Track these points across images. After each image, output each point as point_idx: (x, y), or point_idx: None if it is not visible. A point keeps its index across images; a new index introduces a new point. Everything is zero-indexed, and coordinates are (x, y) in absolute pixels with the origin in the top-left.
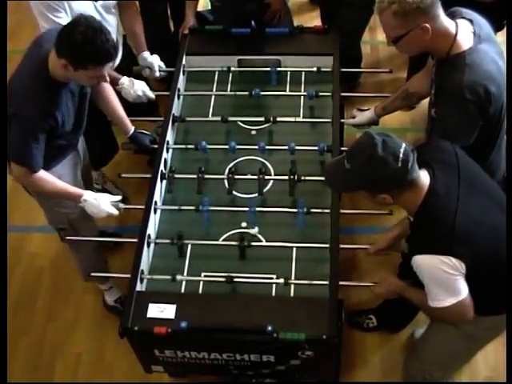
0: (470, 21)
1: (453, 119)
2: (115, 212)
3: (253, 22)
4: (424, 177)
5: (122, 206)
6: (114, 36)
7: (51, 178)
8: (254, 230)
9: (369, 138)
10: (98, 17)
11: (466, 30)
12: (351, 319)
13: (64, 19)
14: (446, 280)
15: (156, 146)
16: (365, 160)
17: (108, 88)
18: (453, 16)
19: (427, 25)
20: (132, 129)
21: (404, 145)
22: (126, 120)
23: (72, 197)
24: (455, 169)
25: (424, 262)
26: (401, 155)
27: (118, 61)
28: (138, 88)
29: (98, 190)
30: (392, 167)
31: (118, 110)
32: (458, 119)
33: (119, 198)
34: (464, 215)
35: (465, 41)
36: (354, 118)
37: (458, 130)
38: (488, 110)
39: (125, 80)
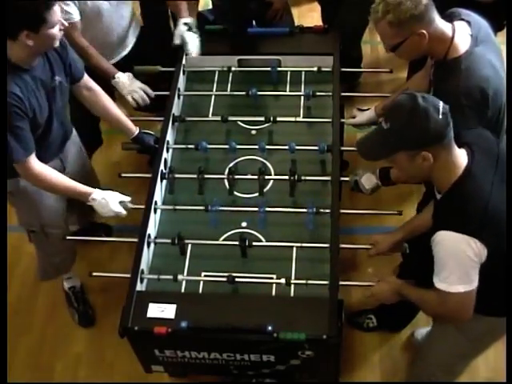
0: (468, 22)
1: None
2: (123, 212)
3: (254, 22)
4: (462, 155)
5: (130, 205)
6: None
7: (56, 174)
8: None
9: (409, 94)
10: (110, 6)
11: (463, 33)
12: (351, 319)
13: (71, 7)
14: (464, 263)
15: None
16: (406, 112)
17: (102, 95)
18: (451, 17)
19: (423, 31)
20: (136, 130)
21: (442, 102)
22: (129, 123)
23: (81, 195)
24: (495, 158)
25: (448, 239)
26: (441, 108)
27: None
28: (136, 87)
29: None
30: (434, 118)
31: (118, 116)
32: (454, 124)
33: (128, 198)
34: (496, 203)
35: (462, 44)
36: (354, 117)
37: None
38: (485, 113)
39: (121, 75)
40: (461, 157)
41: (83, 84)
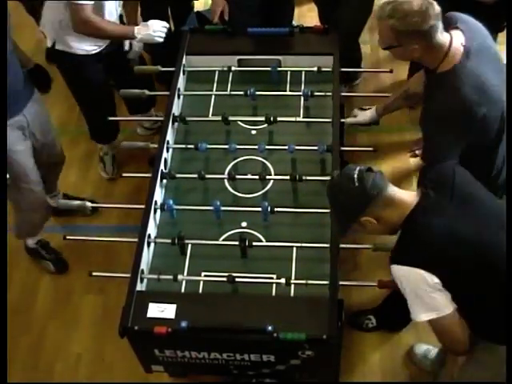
0: (462, 31)
1: (435, 139)
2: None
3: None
4: (411, 195)
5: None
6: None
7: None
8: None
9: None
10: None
11: (457, 45)
12: (351, 319)
13: None
14: (422, 294)
15: (156, 146)
16: (329, 195)
17: None
18: (447, 24)
19: (417, 46)
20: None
21: (358, 167)
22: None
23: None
24: (449, 188)
25: (402, 274)
26: (356, 176)
27: None
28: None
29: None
30: (350, 187)
31: None
32: (439, 139)
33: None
34: (448, 232)
35: (453, 58)
36: (355, 116)
37: (441, 149)
38: (472, 127)
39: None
40: (407, 196)
41: None
